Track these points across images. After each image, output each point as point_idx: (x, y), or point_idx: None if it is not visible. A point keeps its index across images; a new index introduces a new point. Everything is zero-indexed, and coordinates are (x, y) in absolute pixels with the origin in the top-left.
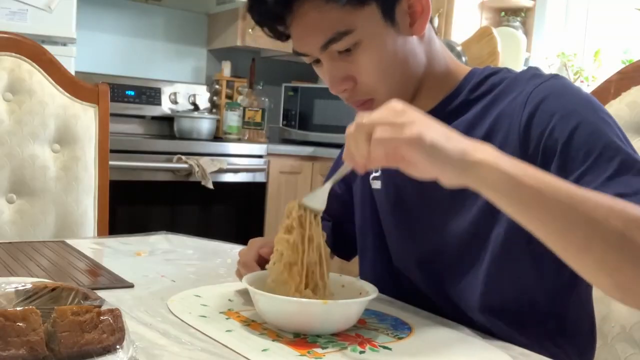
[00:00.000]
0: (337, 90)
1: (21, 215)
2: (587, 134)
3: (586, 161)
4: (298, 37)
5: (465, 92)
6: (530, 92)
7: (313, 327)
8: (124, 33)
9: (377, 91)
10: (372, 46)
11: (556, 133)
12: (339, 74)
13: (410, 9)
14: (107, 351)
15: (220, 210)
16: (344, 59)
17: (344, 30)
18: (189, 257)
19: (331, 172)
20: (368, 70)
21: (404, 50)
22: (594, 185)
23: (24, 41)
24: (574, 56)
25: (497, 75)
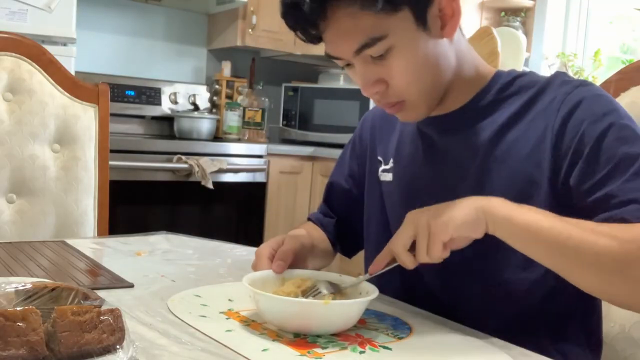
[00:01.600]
0: (369, 92)
1: (21, 215)
2: (612, 140)
3: (607, 166)
4: (332, 42)
5: (493, 91)
6: (563, 99)
7: (313, 327)
8: (124, 33)
9: (409, 93)
10: (405, 51)
11: (585, 139)
12: (372, 77)
13: (441, 12)
14: (107, 351)
15: (220, 210)
16: (376, 63)
17: (377, 36)
18: (189, 257)
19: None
20: (400, 74)
21: (435, 53)
22: (610, 188)
23: (24, 41)
24: (574, 56)
25: (525, 78)
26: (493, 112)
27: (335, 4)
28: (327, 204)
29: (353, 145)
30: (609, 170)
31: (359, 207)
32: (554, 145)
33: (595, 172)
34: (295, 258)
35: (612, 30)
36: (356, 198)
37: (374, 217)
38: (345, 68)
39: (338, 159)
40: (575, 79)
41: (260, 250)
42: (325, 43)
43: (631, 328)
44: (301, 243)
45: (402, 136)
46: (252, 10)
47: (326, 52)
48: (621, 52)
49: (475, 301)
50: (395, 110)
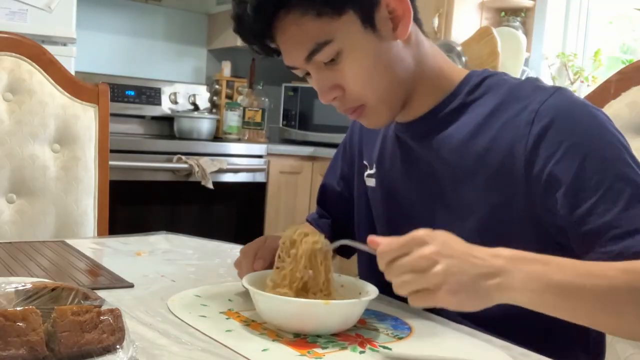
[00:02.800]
0: (326, 99)
1: (21, 215)
2: (597, 163)
3: (597, 191)
4: (284, 52)
5: (462, 94)
6: (536, 110)
7: (313, 327)
8: (124, 33)
9: (366, 97)
10: (354, 54)
11: (564, 163)
12: (327, 84)
13: (392, 14)
14: (107, 351)
15: (220, 210)
16: (330, 69)
17: (323, 40)
18: (189, 257)
19: (329, 171)
20: (354, 78)
21: (389, 55)
22: (608, 218)
23: (24, 41)
24: (574, 56)
25: (494, 78)
26: (462, 115)
27: (277, 14)
28: (321, 206)
29: (344, 148)
30: (601, 197)
31: (351, 209)
32: (528, 159)
33: (585, 200)
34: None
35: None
36: (348, 200)
37: (363, 221)
38: (306, 77)
39: (331, 161)
40: (549, 86)
41: (245, 249)
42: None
43: None
44: None
45: (384, 141)
46: None
47: (285, 64)
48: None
49: None
50: (357, 116)
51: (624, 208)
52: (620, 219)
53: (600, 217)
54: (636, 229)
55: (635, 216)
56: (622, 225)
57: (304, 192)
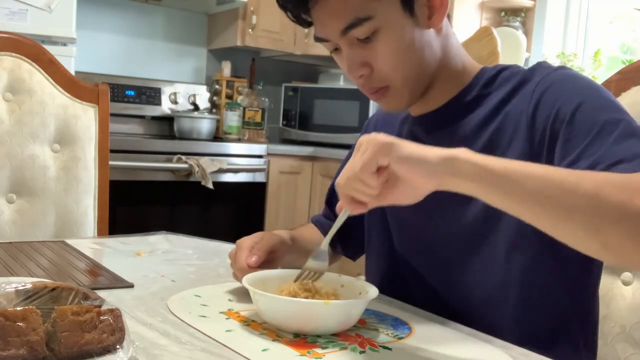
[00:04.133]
0: (354, 75)
1: (21, 215)
2: (589, 110)
3: (587, 136)
4: (319, 22)
5: (478, 87)
6: (538, 82)
7: (313, 327)
8: (124, 33)
9: (393, 79)
10: (390, 34)
11: (561, 115)
12: (357, 60)
13: (429, 2)
14: (107, 351)
15: (220, 210)
16: (362, 46)
17: (363, 16)
18: (189, 257)
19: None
20: (385, 58)
21: (421, 41)
22: (596, 156)
23: (24, 41)
24: (574, 56)
25: (508, 71)
26: (476, 108)
27: None
28: (329, 206)
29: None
30: (592, 139)
31: None
32: (530, 127)
33: (577, 144)
34: (274, 254)
35: (612, 30)
36: None
37: (375, 222)
38: (333, 54)
39: (342, 160)
40: (555, 66)
41: (242, 242)
42: (314, 25)
43: (631, 328)
44: (280, 240)
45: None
46: (252, 10)
47: (315, 35)
48: (621, 52)
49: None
50: (379, 96)
51: (611, 145)
52: (605, 155)
53: (588, 160)
54: (620, 159)
55: (620, 150)
56: (606, 160)
57: (304, 192)
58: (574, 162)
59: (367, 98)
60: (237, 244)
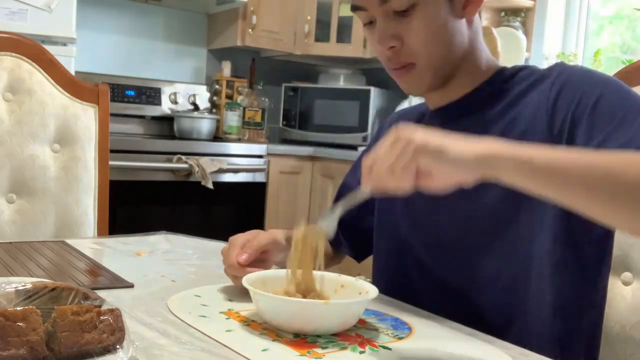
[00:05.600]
0: (384, 46)
1: (21, 215)
2: (613, 97)
3: (613, 121)
4: None
5: (497, 83)
6: (556, 75)
7: (313, 327)
8: (124, 33)
9: (420, 56)
10: (426, 11)
11: (583, 102)
12: (390, 32)
13: None
14: (107, 351)
15: (220, 210)
16: (397, 19)
17: None
18: (189, 257)
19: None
20: (417, 35)
21: (453, 27)
22: (624, 140)
23: (24, 41)
24: (574, 56)
25: (527, 70)
26: (494, 102)
27: None
28: None
29: (369, 149)
30: (619, 123)
31: (369, 212)
32: (551, 114)
33: (604, 127)
34: (266, 253)
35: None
36: (367, 202)
37: (385, 225)
38: (365, 27)
39: (354, 161)
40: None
41: (234, 239)
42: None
43: (632, 328)
44: (274, 239)
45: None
46: (252, 10)
47: (352, 3)
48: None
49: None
50: (403, 73)
51: (636, 131)
52: (635, 138)
53: (616, 141)
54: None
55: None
56: (636, 141)
57: (304, 192)
58: (601, 144)
59: (367, 98)
60: (230, 240)
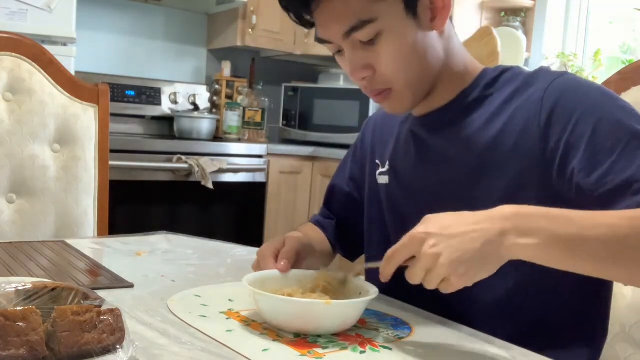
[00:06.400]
0: (356, 77)
1: (21, 215)
2: (611, 125)
3: (615, 151)
4: (322, 24)
5: (480, 88)
6: (545, 87)
7: (313, 327)
8: (124, 33)
9: (395, 81)
10: (393, 37)
11: (579, 128)
12: (360, 63)
13: (432, 5)
14: (107, 351)
15: (220, 210)
16: (365, 48)
17: (366, 19)
18: (189, 257)
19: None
20: (387, 61)
21: (424, 43)
22: (628, 174)
23: (24, 41)
24: (574, 56)
25: (510, 72)
26: (479, 108)
27: None
28: (327, 207)
29: (355, 149)
30: (620, 154)
31: (360, 211)
32: (542, 135)
33: (602, 162)
34: (298, 256)
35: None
36: (357, 202)
37: (375, 222)
38: (336, 56)
39: (341, 161)
40: (556, 71)
41: (263, 251)
42: (316, 26)
43: (631, 328)
44: (301, 243)
45: (398, 140)
46: (252, 10)
47: (317, 36)
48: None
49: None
50: (382, 99)
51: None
52: (637, 173)
53: (619, 175)
54: None
55: None
56: (638, 178)
57: (304, 192)
58: (603, 177)
59: (367, 98)
60: (259, 253)
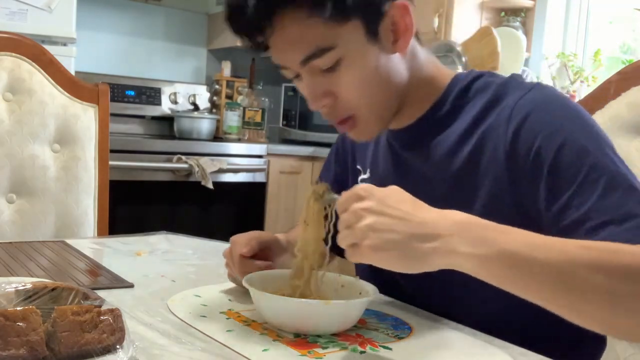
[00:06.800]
0: (317, 106)
1: (21, 215)
2: (573, 153)
3: (573, 183)
4: (278, 50)
5: (451, 99)
6: (513, 106)
7: (313, 327)
8: (124, 33)
9: (358, 108)
10: (354, 63)
11: (542, 153)
12: (319, 90)
13: (394, 27)
14: (107, 351)
15: (220, 210)
16: (324, 75)
17: (326, 46)
18: (189, 257)
19: (323, 173)
20: (349, 87)
21: (386, 67)
22: (583, 210)
23: (24, 41)
24: (574, 56)
25: (481, 80)
26: (451, 122)
27: (282, 10)
28: None
29: (336, 151)
30: (577, 189)
31: None
32: (509, 158)
33: (562, 193)
34: (269, 250)
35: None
36: None
37: None
38: (294, 80)
39: (324, 163)
40: (527, 83)
41: (235, 237)
42: (271, 52)
43: None
44: (275, 238)
45: (377, 147)
46: None
47: (273, 62)
48: (621, 52)
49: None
50: (347, 128)
51: (598, 198)
52: (595, 210)
53: (577, 210)
54: (609, 220)
55: (608, 206)
56: (595, 217)
57: (304, 192)
58: (562, 211)
59: None
60: (231, 240)
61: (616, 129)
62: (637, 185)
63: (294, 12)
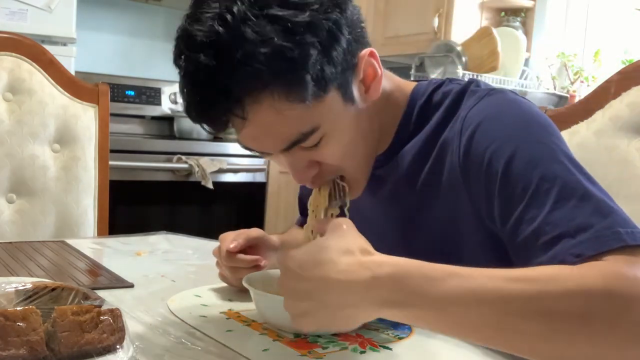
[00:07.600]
0: (303, 178)
1: (21, 215)
2: (522, 165)
3: (524, 197)
4: (251, 140)
5: (413, 119)
6: (464, 117)
7: None
8: (123, 33)
9: (344, 169)
10: (337, 133)
11: (493, 166)
12: (302, 163)
13: (363, 79)
14: (107, 351)
15: (220, 210)
16: (306, 150)
17: (309, 129)
18: (189, 257)
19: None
20: (334, 156)
21: (364, 123)
22: (536, 224)
23: (24, 41)
24: (574, 56)
25: (439, 91)
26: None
27: (256, 101)
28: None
29: None
30: (528, 203)
31: None
32: (463, 173)
33: (514, 207)
34: (257, 248)
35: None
36: None
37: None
38: (264, 155)
39: None
40: (482, 89)
41: (224, 235)
42: (241, 137)
43: None
44: (264, 235)
45: None
46: None
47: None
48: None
49: None
50: None
51: (549, 211)
52: (547, 223)
53: (529, 225)
54: (563, 232)
55: (560, 218)
56: (548, 231)
57: None
58: (515, 227)
59: None
60: (220, 238)
61: (616, 129)
62: (593, 191)
63: (270, 99)
